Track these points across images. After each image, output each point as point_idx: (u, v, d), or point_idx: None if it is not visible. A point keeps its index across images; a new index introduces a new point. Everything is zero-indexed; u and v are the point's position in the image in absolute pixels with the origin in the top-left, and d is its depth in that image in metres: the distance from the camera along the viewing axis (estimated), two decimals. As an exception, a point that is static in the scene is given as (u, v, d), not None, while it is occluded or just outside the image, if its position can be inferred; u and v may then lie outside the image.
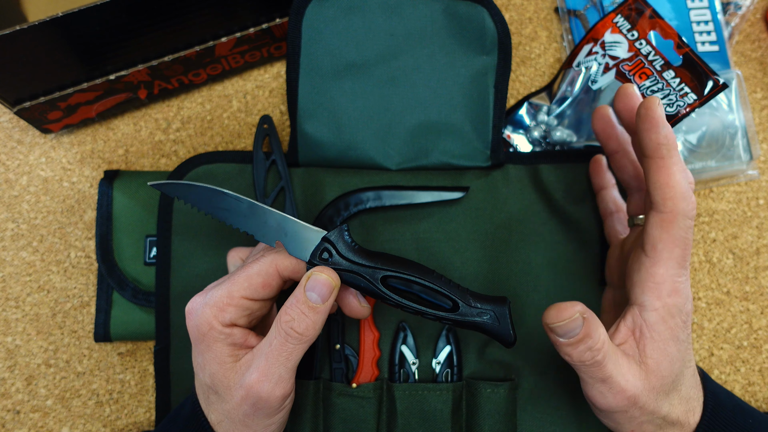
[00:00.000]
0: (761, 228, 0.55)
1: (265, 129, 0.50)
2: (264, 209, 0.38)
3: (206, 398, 0.38)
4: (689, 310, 0.36)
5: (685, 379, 0.37)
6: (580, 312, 0.34)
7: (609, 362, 0.34)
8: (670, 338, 0.35)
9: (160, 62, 0.51)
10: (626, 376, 0.35)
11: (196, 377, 0.38)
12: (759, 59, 0.59)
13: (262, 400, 0.35)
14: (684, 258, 0.36)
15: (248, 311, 0.36)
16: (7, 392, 0.51)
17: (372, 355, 0.45)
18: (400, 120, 0.48)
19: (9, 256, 0.53)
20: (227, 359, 0.36)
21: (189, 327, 0.37)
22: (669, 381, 0.36)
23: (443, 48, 0.48)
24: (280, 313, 0.36)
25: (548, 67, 0.58)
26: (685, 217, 0.35)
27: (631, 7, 0.52)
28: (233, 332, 0.36)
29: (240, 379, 0.35)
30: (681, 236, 0.35)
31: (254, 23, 0.52)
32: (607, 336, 0.35)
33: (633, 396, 0.35)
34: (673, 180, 0.35)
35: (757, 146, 0.55)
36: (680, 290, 0.35)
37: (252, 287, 0.36)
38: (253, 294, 0.36)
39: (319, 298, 0.35)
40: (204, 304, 0.36)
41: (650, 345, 0.35)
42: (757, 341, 0.53)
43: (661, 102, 0.40)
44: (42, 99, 0.49)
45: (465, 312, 0.36)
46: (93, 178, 0.55)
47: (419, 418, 0.44)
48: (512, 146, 0.55)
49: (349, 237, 0.38)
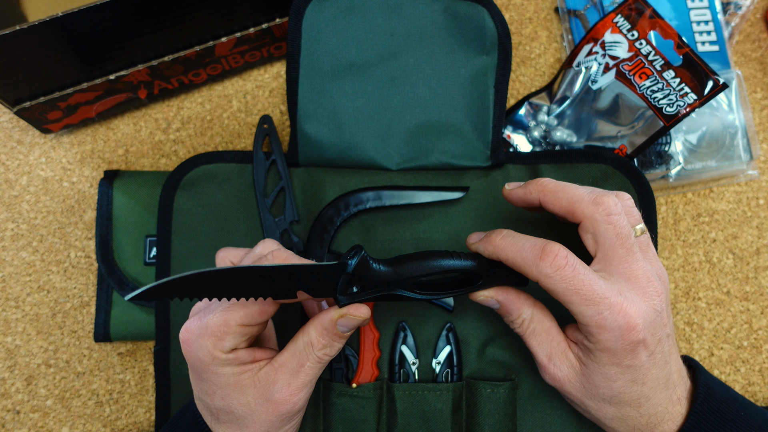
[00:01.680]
0: (761, 228, 0.55)
1: (265, 129, 0.50)
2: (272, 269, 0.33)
3: (215, 418, 0.38)
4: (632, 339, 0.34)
5: (645, 398, 0.36)
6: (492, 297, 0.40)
7: (531, 339, 0.39)
8: (610, 363, 0.36)
9: (160, 62, 0.51)
10: (553, 357, 0.38)
11: (199, 400, 0.38)
12: (759, 59, 0.59)
13: (293, 410, 0.37)
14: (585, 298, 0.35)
15: (247, 336, 0.36)
16: (7, 392, 0.51)
17: (372, 355, 0.45)
18: (400, 120, 0.48)
19: (9, 256, 0.53)
20: (241, 378, 0.36)
21: (188, 357, 0.36)
22: (608, 394, 0.36)
23: (443, 48, 0.48)
24: (310, 339, 0.37)
25: (548, 67, 0.58)
26: (549, 276, 0.36)
27: (631, 7, 0.52)
28: (238, 355, 0.36)
29: (265, 393, 0.36)
30: (564, 288, 0.35)
31: (254, 23, 0.52)
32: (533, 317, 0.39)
33: (559, 380, 0.38)
34: (518, 259, 0.38)
35: (757, 146, 0.55)
36: (605, 325, 0.35)
37: (249, 315, 0.35)
38: (250, 321, 0.36)
39: (348, 329, 0.37)
40: (201, 335, 0.35)
41: (588, 359, 0.37)
42: (757, 341, 0.53)
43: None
44: (42, 99, 0.49)
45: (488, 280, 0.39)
46: (93, 178, 0.55)
47: (419, 418, 0.44)
48: (512, 146, 0.55)
49: (372, 261, 0.36)
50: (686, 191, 0.56)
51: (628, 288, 0.36)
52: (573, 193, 0.38)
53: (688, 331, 0.53)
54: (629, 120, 0.51)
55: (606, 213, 0.37)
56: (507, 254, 0.38)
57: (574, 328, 0.39)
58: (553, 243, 0.36)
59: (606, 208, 0.37)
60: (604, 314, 0.35)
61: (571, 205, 0.38)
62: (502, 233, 0.39)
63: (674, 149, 0.54)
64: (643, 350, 0.35)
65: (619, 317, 0.34)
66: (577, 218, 0.38)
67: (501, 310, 0.40)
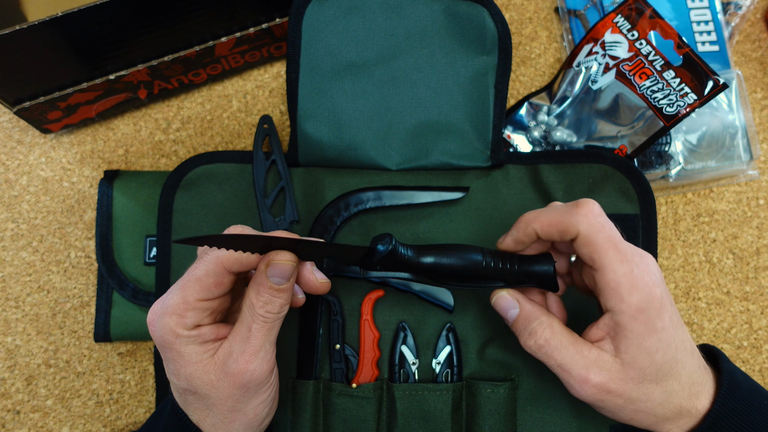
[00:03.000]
0: (761, 228, 0.55)
1: (265, 129, 0.50)
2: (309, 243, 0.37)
3: (184, 400, 0.38)
4: (660, 295, 0.36)
5: (681, 365, 0.37)
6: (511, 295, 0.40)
7: (556, 352, 0.37)
8: (645, 332, 0.36)
9: (160, 62, 0.51)
10: (588, 366, 0.37)
11: (171, 383, 0.38)
12: (759, 59, 0.59)
13: (253, 380, 0.36)
14: (621, 252, 0.36)
15: (209, 311, 0.36)
16: (7, 392, 0.51)
17: (372, 355, 0.45)
18: (401, 120, 0.48)
19: (9, 256, 0.53)
20: (203, 357, 0.36)
21: (154, 337, 0.37)
22: (653, 371, 0.36)
23: (443, 48, 0.48)
24: (250, 300, 0.36)
25: (548, 67, 0.58)
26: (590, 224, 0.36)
27: (632, 7, 0.52)
28: (201, 332, 0.36)
29: (224, 368, 0.36)
30: (604, 239, 0.36)
31: (254, 23, 0.52)
32: (557, 329, 0.38)
33: (600, 384, 0.36)
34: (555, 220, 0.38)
35: (757, 146, 0.55)
36: (637, 284, 0.35)
37: (205, 289, 0.36)
38: (207, 295, 0.36)
39: (282, 279, 0.36)
40: (162, 314, 0.36)
41: (624, 342, 0.36)
42: (757, 341, 0.53)
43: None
44: (42, 99, 0.49)
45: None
46: (93, 178, 0.55)
47: (419, 418, 0.44)
48: (512, 146, 0.55)
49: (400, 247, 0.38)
50: (686, 191, 0.56)
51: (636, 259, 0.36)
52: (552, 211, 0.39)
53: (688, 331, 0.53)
54: (629, 120, 0.51)
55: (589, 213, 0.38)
56: (542, 225, 0.38)
57: (593, 327, 0.38)
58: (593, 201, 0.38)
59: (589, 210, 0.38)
60: (635, 272, 0.35)
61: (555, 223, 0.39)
62: (528, 214, 0.39)
63: (674, 149, 0.54)
64: (668, 308, 0.36)
65: (646, 275, 0.35)
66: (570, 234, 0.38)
67: (518, 320, 0.39)
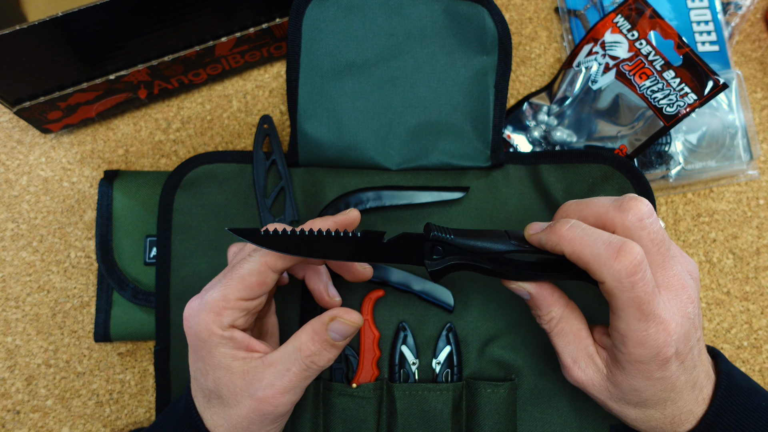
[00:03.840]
0: (761, 228, 0.55)
1: (265, 129, 0.50)
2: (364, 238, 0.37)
3: (207, 400, 0.37)
4: (668, 355, 0.34)
5: (671, 402, 0.36)
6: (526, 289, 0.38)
7: (557, 339, 0.38)
8: (639, 375, 0.35)
9: (160, 62, 0.51)
10: (578, 362, 0.37)
11: (194, 380, 0.38)
12: (759, 59, 0.59)
13: (274, 413, 0.36)
14: (643, 313, 0.33)
15: (246, 311, 0.36)
16: (7, 392, 0.51)
17: (372, 355, 0.45)
18: (401, 120, 0.48)
19: (9, 256, 0.53)
20: (233, 363, 0.36)
21: (188, 333, 0.37)
22: (634, 400, 0.36)
23: (443, 48, 0.48)
24: (300, 342, 0.36)
25: (548, 67, 0.58)
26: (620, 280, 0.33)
27: (631, 7, 0.52)
28: (234, 335, 0.36)
29: (250, 388, 0.35)
30: (629, 297, 0.33)
31: (254, 23, 0.52)
32: (562, 317, 0.38)
33: (583, 382, 0.37)
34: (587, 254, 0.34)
35: (757, 146, 0.55)
36: (646, 342, 0.33)
37: (247, 288, 0.36)
38: (249, 294, 0.36)
39: (340, 337, 0.36)
40: (200, 310, 0.35)
41: (616, 369, 0.36)
42: (757, 341, 0.53)
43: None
44: (42, 99, 0.49)
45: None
46: (93, 178, 0.55)
47: (419, 418, 0.44)
48: (512, 146, 0.55)
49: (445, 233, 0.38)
50: (686, 191, 0.56)
51: (667, 299, 0.34)
52: (596, 204, 0.36)
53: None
54: (629, 120, 0.51)
55: (637, 218, 0.34)
56: (575, 247, 0.34)
57: (603, 332, 0.38)
58: (632, 242, 0.33)
59: (636, 212, 0.34)
60: (650, 331, 0.33)
61: (597, 217, 0.36)
62: (569, 223, 0.35)
63: (674, 149, 0.54)
64: (675, 361, 0.34)
65: (660, 335, 0.33)
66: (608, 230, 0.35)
67: (530, 302, 0.39)
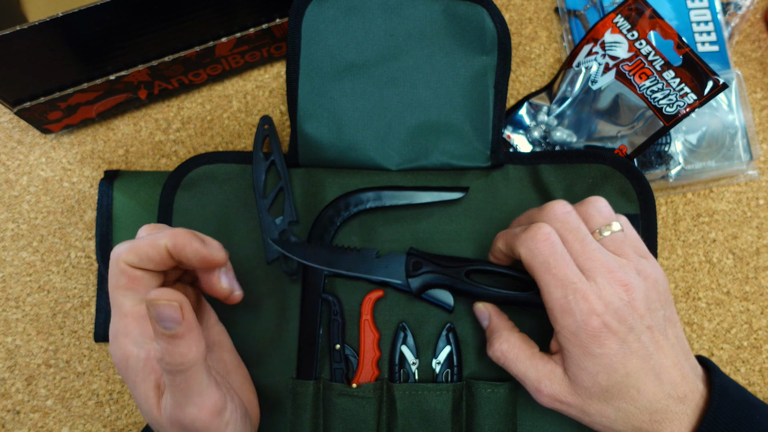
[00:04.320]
0: (761, 228, 0.55)
1: (265, 129, 0.50)
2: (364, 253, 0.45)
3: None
4: (597, 325, 0.35)
5: (635, 391, 0.36)
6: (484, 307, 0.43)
7: (512, 364, 0.40)
8: (581, 355, 0.36)
9: (160, 62, 0.51)
10: (542, 379, 0.38)
11: None
12: (759, 59, 0.59)
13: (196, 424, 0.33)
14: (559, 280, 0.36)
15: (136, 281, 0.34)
16: (7, 392, 0.51)
17: (372, 355, 0.45)
18: (400, 120, 0.48)
19: (9, 256, 0.53)
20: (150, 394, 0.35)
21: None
22: (598, 391, 0.36)
23: (443, 48, 0.48)
24: (155, 348, 0.32)
25: (548, 67, 0.58)
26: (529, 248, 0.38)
27: (631, 7, 0.52)
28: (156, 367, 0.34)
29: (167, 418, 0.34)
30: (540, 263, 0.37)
31: (254, 23, 0.52)
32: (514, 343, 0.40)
33: (551, 395, 0.38)
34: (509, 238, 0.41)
35: (757, 146, 0.55)
36: (568, 309, 0.36)
37: (135, 249, 0.34)
38: (135, 259, 0.34)
39: (172, 323, 0.31)
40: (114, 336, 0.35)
41: (567, 360, 0.37)
42: (757, 341, 0.53)
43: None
44: (42, 99, 0.49)
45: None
46: (93, 178, 0.55)
47: (419, 418, 0.44)
48: (512, 146, 0.55)
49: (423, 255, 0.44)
50: (686, 191, 0.56)
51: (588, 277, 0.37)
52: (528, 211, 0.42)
53: (688, 331, 0.53)
54: (629, 120, 0.51)
55: (553, 214, 0.39)
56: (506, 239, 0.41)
57: (552, 338, 0.40)
58: (542, 223, 0.38)
59: (550, 210, 0.39)
60: (569, 298, 0.36)
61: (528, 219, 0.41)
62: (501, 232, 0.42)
63: (674, 149, 0.54)
64: (611, 337, 0.36)
65: (580, 302, 0.36)
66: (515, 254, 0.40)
67: (488, 330, 0.43)
